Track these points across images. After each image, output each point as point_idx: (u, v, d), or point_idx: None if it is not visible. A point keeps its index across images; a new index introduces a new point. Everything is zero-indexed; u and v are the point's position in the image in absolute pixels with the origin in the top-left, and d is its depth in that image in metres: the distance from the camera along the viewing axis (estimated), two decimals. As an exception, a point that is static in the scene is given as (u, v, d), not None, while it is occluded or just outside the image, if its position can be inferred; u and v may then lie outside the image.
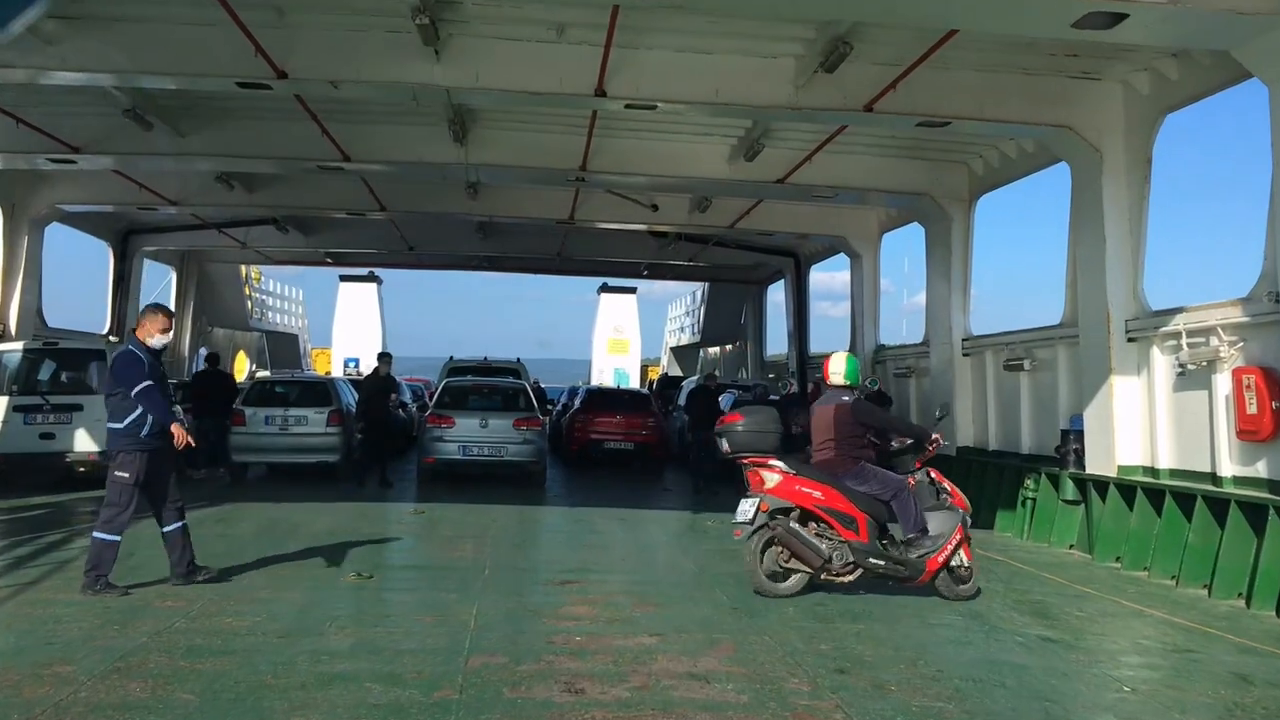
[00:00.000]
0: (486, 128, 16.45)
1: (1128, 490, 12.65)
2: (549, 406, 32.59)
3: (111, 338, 24.76)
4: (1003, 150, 16.10)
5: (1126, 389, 12.92)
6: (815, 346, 27.10)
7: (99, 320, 28.84)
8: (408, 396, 27.95)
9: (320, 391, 19.26)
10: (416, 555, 11.12)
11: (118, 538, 8.49)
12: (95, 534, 8.51)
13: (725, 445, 9.70)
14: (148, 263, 28.09)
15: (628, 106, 13.08)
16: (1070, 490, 13.87)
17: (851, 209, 21.31)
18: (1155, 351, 12.57)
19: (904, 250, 22.13)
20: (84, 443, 16.48)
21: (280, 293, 41.39)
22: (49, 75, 12.43)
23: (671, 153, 16.97)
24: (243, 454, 18.41)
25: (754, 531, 9.18)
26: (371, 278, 43.60)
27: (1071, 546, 13.73)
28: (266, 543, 11.38)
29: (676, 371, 40.36)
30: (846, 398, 9.69)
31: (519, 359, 24.60)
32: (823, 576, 9.20)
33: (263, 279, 41.43)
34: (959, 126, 13.57)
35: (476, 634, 7.44)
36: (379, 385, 18.33)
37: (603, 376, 42.46)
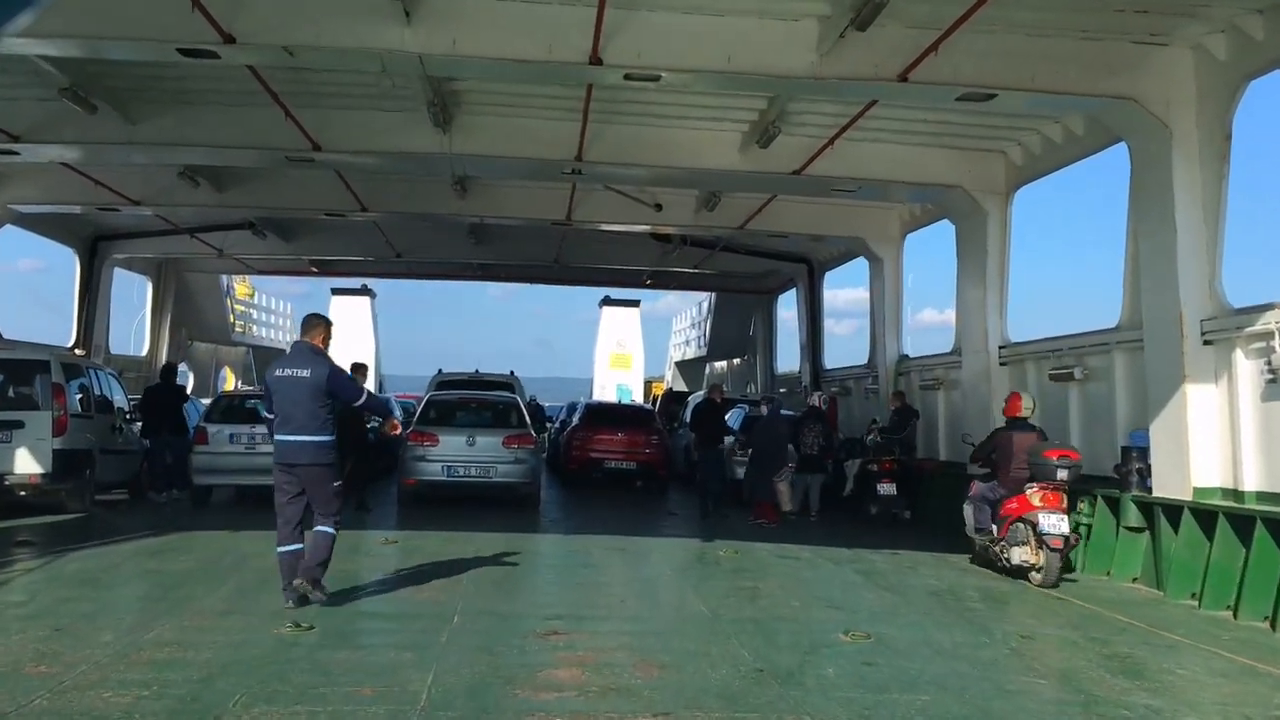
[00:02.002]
0: (470, 113, 14.81)
1: (1206, 516, 10.89)
2: (548, 424, 31.06)
3: (77, 351, 23.13)
4: (1046, 134, 14.41)
5: (1202, 399, 11.18)
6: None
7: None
8: (398, 414, 26.26)
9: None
10: (375, 597, 9.33)
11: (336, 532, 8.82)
12: (323, 528, 8.65)
13: (1064, 474, 11.63)
14: (122, 273, 26.54)
15: (627, 77, 11.40)
16: (1134, 516, 12.11)
17: (871, 208, 19.67)
18: (1238, 355, 10.84)
19: (908, 264, 20.47)
20: (25, 464, 14.77)
21: (267, 305, 39.75)
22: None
23: (677, 141, 15.31)
24: (205, 476, 16.69)
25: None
26: (365, 291, 42.13)
27: (1135, 580, 11.99)
28: (201, 580, 9.68)
29: (682, 387, 38.58)
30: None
31: (512, 372, 22.87)
32: None
33: (255, 294, 39.90)
34: (1005, 101, 11.86)
35: (425, 715, 5.69)
36: (354, 399, 16.56)
37: (604, 392, 40.82)
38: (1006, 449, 12.26)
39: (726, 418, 18.77)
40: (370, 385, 37.84)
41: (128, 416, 18.19)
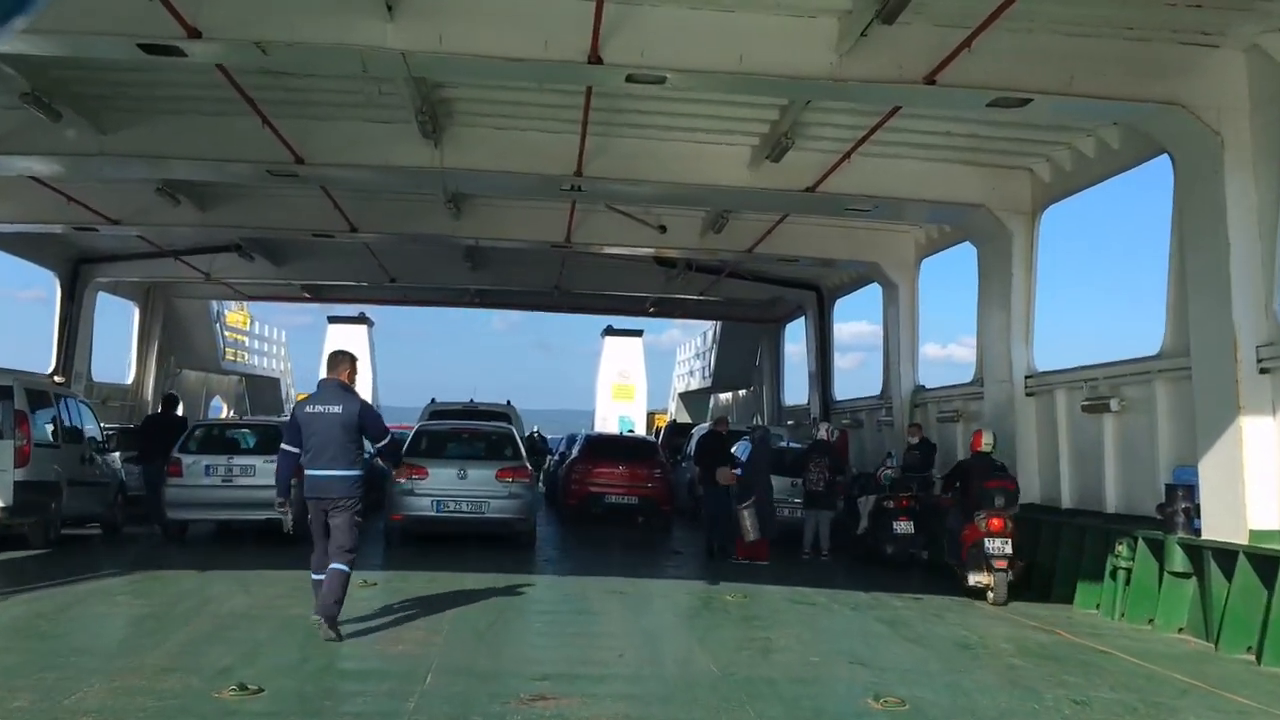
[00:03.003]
0: (462, 124, 13.94)
1: (1265, 562, 9.85)
2: (551, 457, 30.00)
3: (56, 378, 22.19)
4: (1077, 148, 13.48)
5: (1260, 432, 10.19)
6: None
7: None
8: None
9: (271, 437, 16.47)
10: (341, 650, 8.28)
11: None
12: (338, 565, 8.74)
13: (1000, 501, 12.81)
14: (110, 298, 25.68)
15: (630, 79, 10.47)
16: (1180, 560, 11.08)
17: (886, 231, 18.76)
18: (1301, 384, 9.89)
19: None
20: None
21: (260, 333, 38.82)
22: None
23: (683, 155, 14.40)
24: (179, 510, 15.65)
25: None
26: (362, 319, 41.36)
27: (1182, 630, 10.96)
28: (149, 630, 8.68)
29: (685, 418, 37.51)
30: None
31: (509, 401, 21.84)
32: None
33: (250, 323, 39.01)
34: (1038, 109, 10.92)
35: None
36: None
37: (607, 424, 39.80)
38: (966, 481, 13.43)
39: (733, 450, 17.81)
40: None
41: (102, 446, 17.25)
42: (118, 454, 18.61)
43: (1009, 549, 12.50)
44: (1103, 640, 10.39)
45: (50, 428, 15.28)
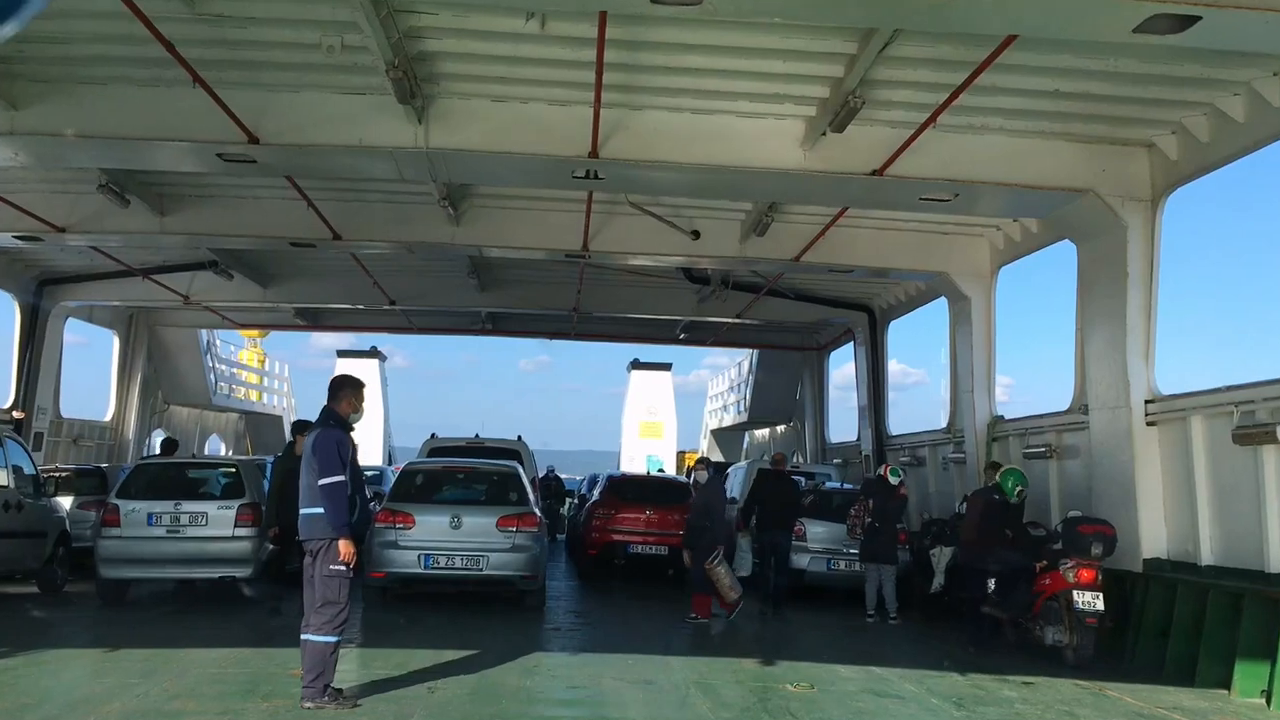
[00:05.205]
0: (451, 93, 11.37)
1: None
2: (570, 500, 27.31)
3: (15, 413, 19.75)
4: (1221, 109, 10.66)
5: None
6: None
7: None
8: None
9: (228, 479, 13.92)
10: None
11: (337, 639, 7.81)
12: (308, 636, 7.70)
13: (1099, 549, 11.35)
14: (86, 326, 23.37)
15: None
16: (1397, 640, 8.22)
17: (957, 235, 16.09)
18: None
19: (935, 327, 17.05)
20: None
21: (262, 368, 36.42)
22: None
23: (721, 131, 11.68)
24: (115, 567, 13.02)
25: None
26: (374, 353, 39.12)
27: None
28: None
29: (718, 457, 34.59)
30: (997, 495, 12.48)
31: (520, 437, 19.07)
32: None
33: (266, 362, 36.81)
34: (1202, 36, 8.16)
35: None
36: (297, 468, 12.84)
37: (634, 464, 36.99)
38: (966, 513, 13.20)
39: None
40: (377, 458, 34.47)
41: (39, 490, 14.69)
42: (68, 500, 16.13)
43: (1100, 604, 11.19)
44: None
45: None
